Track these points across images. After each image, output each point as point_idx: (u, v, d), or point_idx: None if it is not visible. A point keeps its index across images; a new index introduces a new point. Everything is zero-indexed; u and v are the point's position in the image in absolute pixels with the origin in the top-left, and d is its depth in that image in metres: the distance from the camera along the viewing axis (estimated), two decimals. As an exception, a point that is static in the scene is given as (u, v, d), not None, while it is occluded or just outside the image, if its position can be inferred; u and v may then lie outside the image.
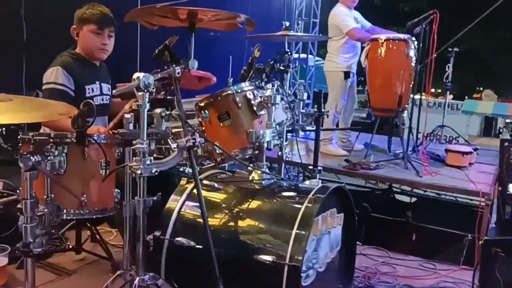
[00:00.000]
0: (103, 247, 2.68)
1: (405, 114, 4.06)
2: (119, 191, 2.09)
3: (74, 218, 1.97)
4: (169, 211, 2.00)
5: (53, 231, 1.84)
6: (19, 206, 2.05)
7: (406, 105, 4.03)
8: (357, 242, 2.60)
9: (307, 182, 2.10)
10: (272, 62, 2.41)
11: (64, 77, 2.57)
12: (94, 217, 1.99)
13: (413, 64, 3.87)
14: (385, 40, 3.82)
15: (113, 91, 1.70)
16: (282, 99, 2.31)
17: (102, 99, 2.80)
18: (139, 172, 1.67)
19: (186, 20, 1.84)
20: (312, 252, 1.88)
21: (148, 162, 1.70)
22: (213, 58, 4.17)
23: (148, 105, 1.69)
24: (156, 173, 1.72)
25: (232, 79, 2.47)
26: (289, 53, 2.53)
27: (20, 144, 1.84)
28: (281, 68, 2.52)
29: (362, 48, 4.15)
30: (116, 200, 2.08)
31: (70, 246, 2.71)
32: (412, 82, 3.93)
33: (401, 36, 3.90)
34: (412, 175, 3.62)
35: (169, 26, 1.99)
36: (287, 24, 2.61)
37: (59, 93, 2.54)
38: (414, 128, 4.21)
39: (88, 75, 2.73)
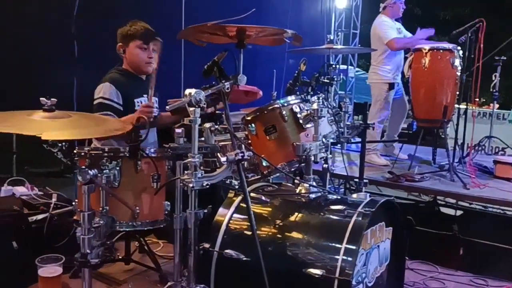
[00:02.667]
0: (151, 258, 2.74)
1: (449, 125, 3.98)
2: (169, 203, 2.14)
3: (127, 229, 2.03)
4: (218, 224, 2.03)
5: (108, 242, 1.88)
6: (75, 217, 2.14)
7: (452, 116, 3.95)
8: (405, 256, 2.55)
9: (354, 195, 2.09)
10: (317, 75, 2.43)
11: (112, 92, 2.64)
12: (145, 228, 2.03)
13: (458, 74, 3.80)
14: (429, 50, 3.77)
15: (166, 107, 1.75)
16: (327, 111, 2.32)
17: None
18: (191, 185, 1.71)
19: (235, 37, 1.89)
20: (362, 267, 1.86)
21: (199, 175, 1.74)
22: (256, 72, 4.22)
23: (199, 120, 1.74)
24: (207, 186, 1.75)
25: (275, 92, 2.50)
26: (334, 66, 2.54)
27: (76, 158, 1.93)
28: (326, 80, 2.53)
29: (406, 58, 4.11)
30: (166, 212, 2.13)
31: (120, 257, 2.79)
32: (458, 92, 3.86)
33: (446, 45, 3.84)
34: (459, 187, 3.53)
35: (217, 42, 2.05)
36: (331, 37, 2.63)
37: (107, 107, 2.60)
38: (460, 139, 4.11)
39: (136, 89, 2.80)
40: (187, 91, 1.71)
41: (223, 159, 1.83)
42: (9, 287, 2.37)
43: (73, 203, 2.25)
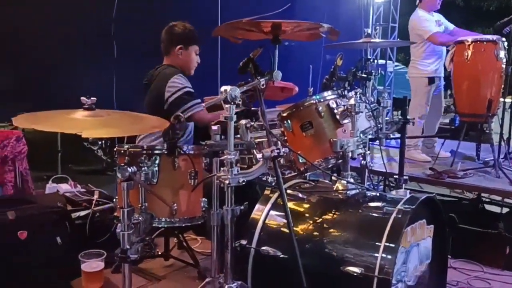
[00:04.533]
0: (189, 254, 2.77)
1: (494, 119, 3.83)
2: (206, 200, 2.16)
3: (165, 226, 2.06)
4: (255, 220, 2.03)
5: (147, 238, 1.92)
6: (116, 214, 2.19)
7: (497, 110, 3.80)
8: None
9: (393, 192, 2.04)
10: (354, 70, 2.38)
11: (188, 82, 2.78)
12: (183, 225, 2.06)
13: (503, 66, 3.64)
14: (472, 42, 3.63)
15: (202, 104, 1.76)
16: (365, 107, 2.27)
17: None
18: (227, 182, 1.71)
19: (270, 33, 1.87)
20: (401, 265, 1.82)
21: (235, 172, 1.74)
22: (292, 68, 4.20)
23: (234, 117, 1.74)
24: (244, 183, 1.75)
25: (312, 88, 2.47)
26: (371, 60, 2.48)
27: (116, 156, 1.97)
28: (363, 75, 2.48)
29: (447, 51, 3.98)
30: (203, 209, 2.15)
31: (159, 253, 2.84)
32: (503, 85, 3.70)
33: (490, 37, 3.69)
34: (505, 184, 3.39)
35: (252, 39, 2.04)
36: (369, 31, 2.57)
37: (194, 95, 2.71)
38: (505, 133, 3.94)
39: None
40: (223, 88, 1.71)
41: (259, 155, 1.82)
42: (53, 281, 2.44)
43: (114, 200, 2.31)
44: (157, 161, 1.99)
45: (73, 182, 3.10)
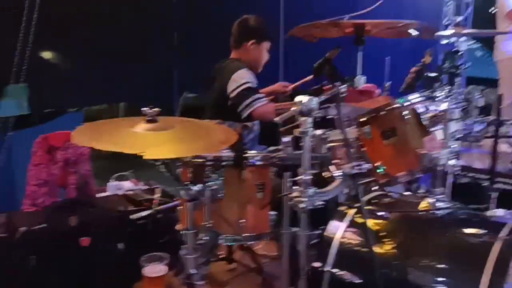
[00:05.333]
0: (253, 259, 2.64)
1: None
2: (275, 213, 1.98)
3: (232, 244, 1.91)
4: (329, 239, 1.83)
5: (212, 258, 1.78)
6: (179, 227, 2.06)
7: None
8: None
9: (494, 211, 1.77)
10: (441, 65, 2.08)
11: (253, 76, 2.67)
12: (250, 242, 1.90)
13: None
14: None
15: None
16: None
17: None
18: (302, 206, 1.52)
19: (351, 32, 1.63)
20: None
21: (311, 193, 1.54)
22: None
23: (310, 130, 1.53)
24: (320, 206, 1.55)
25: (389, 83, 2.21)
26: (461, 54, 2.16)
27: (179, 170, 1.83)
28: (451, 71, 2.17)
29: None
30: (272, 223, 1.97)
31: (222, 256, 2.72)
32: None
33: None
34: None
35: (329, 37, 1.81)
36: (460, 18, 2.24)
37: (256, 91, 2.61)
38: None
39: None
40: (298, 99, 1.50)
41: (337, 173, 1.62)
42: (114, 287, 2.39)
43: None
44: (222, 174, 1.82)
45: (135, 179, 3.03)
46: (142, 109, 1.59)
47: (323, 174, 1.86)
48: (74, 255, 2.25)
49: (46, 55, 4.32)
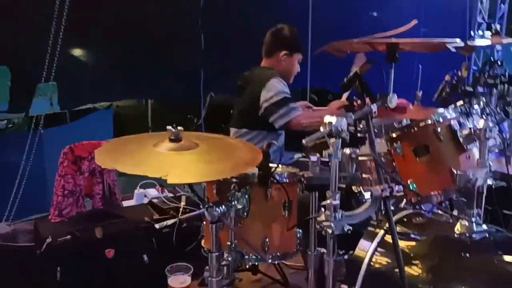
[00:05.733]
0: (278, 270, 2.59)
1: None
2: (301, 231, 1.92)
3: (256, 264, 1.86)
4: (358, 260, 1.76)
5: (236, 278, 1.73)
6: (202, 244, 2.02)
7: None
8: None
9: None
10: (478, 77, 1.98)
11: (286, 86, 2.63)
12: (276, 262, 1.85)
13: None
14: None
15: (303, 140, 1.50)
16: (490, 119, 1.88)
17: None
18: (330, 230, 1.46)
19: (384, 49, 1.55)
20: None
21: (339, 217, 1.48)
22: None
23: (339, 153, 1.46)
24: (349, 231, 1.49)
25: (421, 92, 2.12)
26: (500, 63, 2.05)
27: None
28: (489, 81, 2.06)
29: None
30: (299, 241, 1.91)
31: (247, 266, 2.68)
32: None
33: None
34: None
35: (359, 51, 1.73)
36: (497, 27, 2.13)
37: (291, 100, 2.59)
38: None
39: None
40: (327, 119, 1.44)
41: (367, 195, 1.55)
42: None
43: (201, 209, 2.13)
44: (248, 192, 1.77)
45: (160, 187, 3.02)
46: (167, 127, 1.55)
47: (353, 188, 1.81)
48: (99, 267, 2.25)
49: (76, 53, 4.37)
